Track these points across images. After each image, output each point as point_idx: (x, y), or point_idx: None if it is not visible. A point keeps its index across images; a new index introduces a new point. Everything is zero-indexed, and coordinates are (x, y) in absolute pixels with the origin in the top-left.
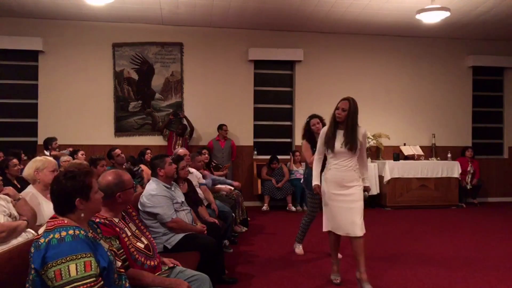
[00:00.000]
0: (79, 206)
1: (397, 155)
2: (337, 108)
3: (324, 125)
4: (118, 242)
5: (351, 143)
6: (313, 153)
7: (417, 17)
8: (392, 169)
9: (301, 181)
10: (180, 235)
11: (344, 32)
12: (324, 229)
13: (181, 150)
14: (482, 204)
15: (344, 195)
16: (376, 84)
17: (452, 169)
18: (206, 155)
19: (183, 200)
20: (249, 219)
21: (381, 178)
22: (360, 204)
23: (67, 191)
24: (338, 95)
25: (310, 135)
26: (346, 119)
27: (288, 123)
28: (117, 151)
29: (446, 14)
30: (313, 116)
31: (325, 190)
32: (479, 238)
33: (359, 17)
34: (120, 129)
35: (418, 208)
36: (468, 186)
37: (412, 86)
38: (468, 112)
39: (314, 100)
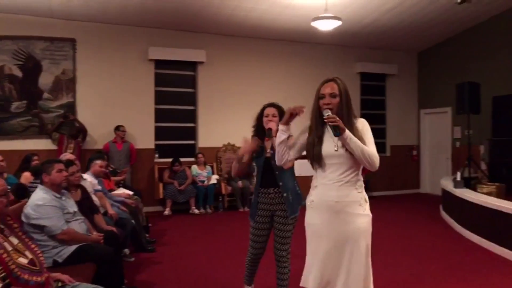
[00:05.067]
0: None
1: None
2: (321, 97)
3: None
4: None
5: None
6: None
7: (312, 24)
8: None
9: (202, 183)
10: (73, 247)
11: (246, 35)
12: (302, 283)
13: (68, 156)
14: (369, 198)
15: (340, 229)
16: (277, 88)
17: None
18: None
19: (76, 210)
20: (150, 225)
21: None
22: (366, 244)
23: None
24: (242, 97)
25: (259, 131)
26: (339, 108)
27: (192, 124)
28: None
29: (338, 23)
30: (268, 105)
31: (309, 221)
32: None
33: (260, 21)
34: (0, 132)
35: None
36: None
37: (310, 89)
38: (357, 114)
39: (217, 101)
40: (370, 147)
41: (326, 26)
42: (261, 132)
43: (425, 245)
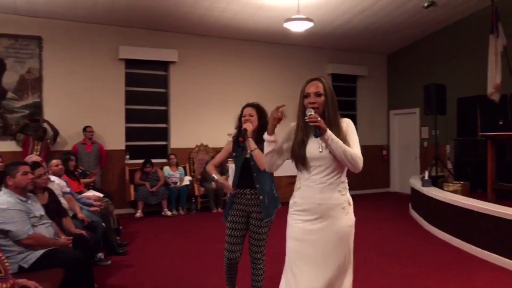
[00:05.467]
0: None
1: None
2: (306, 96)
3: (261, 118)
4: None
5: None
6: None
7: (284, 25)
8: None
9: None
10: (40, 252)
11: (219, 36)
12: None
13: (34, 158)
14: None
15: (322, 233)
16: (250, 88)
17: None
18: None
19: (42, 213)
20: (121, 227)
21: None
22: (348, 250)
23: None
24: (214, 97)
25: (239, 133)
26: (325, 107)
27: (164, 125)
28: None
29: (310, 24)
30: (247, 105)
31: (291, 223)
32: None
33: (233, 21)
34: None
35: None
36: None
37: (282, 90)
38: None
39: (190, 101)
40: (354, 148)
41: (298, 27)
42: (238, 137)
43: (395, 243)
